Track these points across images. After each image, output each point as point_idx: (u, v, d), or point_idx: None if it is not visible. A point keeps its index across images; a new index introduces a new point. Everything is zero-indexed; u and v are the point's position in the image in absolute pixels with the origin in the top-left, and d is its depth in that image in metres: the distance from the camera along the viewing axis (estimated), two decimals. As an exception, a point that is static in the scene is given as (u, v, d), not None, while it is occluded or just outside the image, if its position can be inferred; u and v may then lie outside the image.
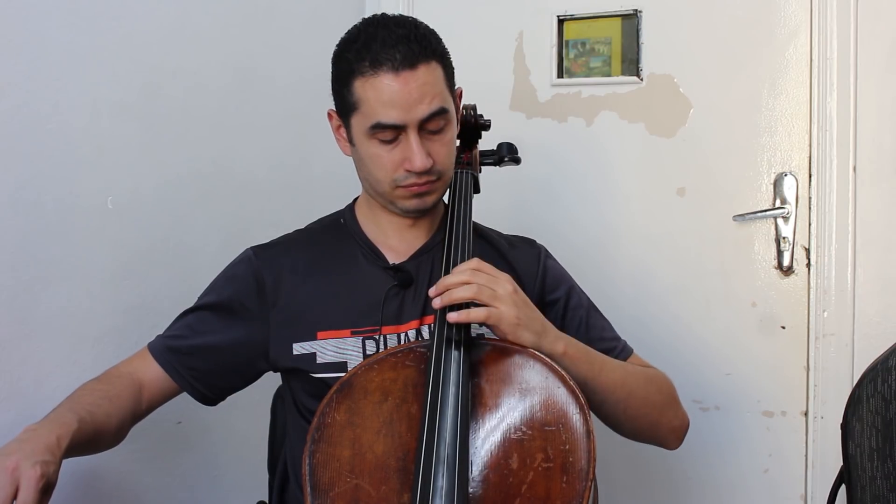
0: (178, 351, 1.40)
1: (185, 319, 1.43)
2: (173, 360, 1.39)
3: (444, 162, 1.34)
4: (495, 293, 1.23)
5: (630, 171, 2.16)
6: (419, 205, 1.36)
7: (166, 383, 1.40)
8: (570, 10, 2.20)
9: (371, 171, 1.35)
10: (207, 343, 1.40)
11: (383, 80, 1.27)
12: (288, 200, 2.06)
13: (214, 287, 1.45)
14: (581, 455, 1.15)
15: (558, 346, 1.26)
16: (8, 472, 1.06)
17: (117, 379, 1.36)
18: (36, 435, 1.14)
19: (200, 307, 1.43)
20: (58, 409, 1.25)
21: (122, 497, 1.68)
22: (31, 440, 1.13)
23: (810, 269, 2.00)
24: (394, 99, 1.27)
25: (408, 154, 1.30)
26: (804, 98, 2.00)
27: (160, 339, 1.43)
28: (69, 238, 1.57)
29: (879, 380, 1.42)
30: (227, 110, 1.92)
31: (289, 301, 1.40)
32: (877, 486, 1.41)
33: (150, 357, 1.40)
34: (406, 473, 1.15)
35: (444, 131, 1.34)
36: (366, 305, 1.37)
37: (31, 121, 1.50)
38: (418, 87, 1.28)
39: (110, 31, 1.64)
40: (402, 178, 1.32)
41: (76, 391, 1.33)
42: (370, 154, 1.33)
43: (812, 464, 2.00)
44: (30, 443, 1.12)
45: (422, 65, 1.28)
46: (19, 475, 1.07)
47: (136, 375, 1.38)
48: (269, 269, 1.41)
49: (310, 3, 2.17)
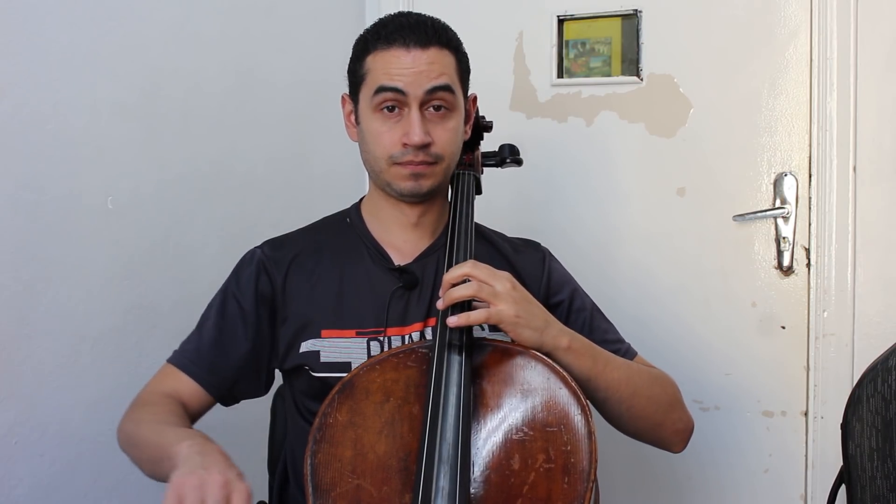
0: (202, 361, 1.37)
1: (205, 328, 1.40)
2: (201, 372, 1.37)
3: (444, 146, 1.34)
4: (494, 290, 1.23)
5: (630, 171, 2.16)
6: (414, 188, 1.36)
7: (204, 397, 1.37)
8: (570, 10, 2.20)
9: (371, 149, 1.36)
10: (230, 346, 1.38)
11: (393, 52, 1.32)
12: (288, 200, 2.06)
13: (227, 291, 1.42)
14: (582, 456, 1.15)
15: (562, 340, 1.26)
16: (219, 486, 1.01)
17: (167, 399, 1.33)
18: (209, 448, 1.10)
19: (216, 312, 1.41)
20: (168, 428, 1.21)
21: (123, 497, 1.68)
22: (211, 453, 1.09)
23: (810, 269, 2.00)
24: (401, 68, 1.31)
25: (407, 129, 1.32)
26: (804, 98, 2.00)
27: (182, 352, 1.40)
28: (69, 238, 1.57)
29: (879, 380, 1.42)
30: (227, 110, 1.92)
31: (297, 298, 1.39)
32: (877, 486, 1.41)
33: (180, 372, 1.37)
34: (408, 474, 1.15)
35: (447, 117, 1.35)
36: (371, 306, 1.37)
37: (31, 121, 1.50)
38: (427, 63, 1.32)
39: (110, 31, 1.64)
40: (400, 155, 1.33)
41: (144, 415, 1.27)
42: (372, 130, 1.34)
43: (812, 464, 2.00)
44: (212, 455, 1.08)
45: (434, 47, 1.33)
46: (231, 489, 1.02)
47: (176, 395, 1.35)
48: (279, 267, 1.41)
49: (310, 3, 2.16)
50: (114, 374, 1.66)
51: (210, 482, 1.01)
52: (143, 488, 1.72)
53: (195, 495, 1.00)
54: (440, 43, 1.34)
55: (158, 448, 1.17)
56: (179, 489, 1.01)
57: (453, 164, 1.40)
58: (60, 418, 1.56)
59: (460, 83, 1.37)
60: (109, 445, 1.67)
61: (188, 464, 1.06)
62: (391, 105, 1.32)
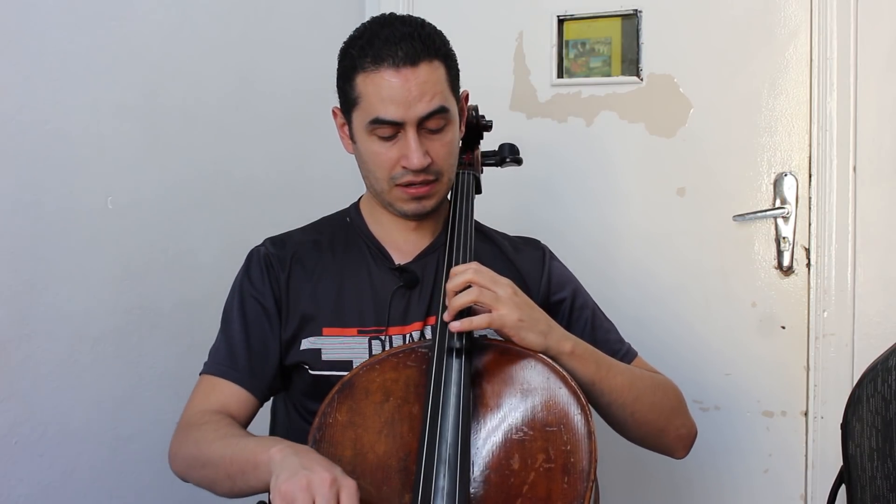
0: (243, 365, 1.36)
1: (231, 332, 1.38)
2: (244, 377, 1.35)
3: (443, 162, 1.34)
4: (496, 296, 1.23)
5: (630, 171, 2.16)
6: (417, 209, 1.36)
7: (251, 402, 1.35)
8: (570, 11, 2.20)
9: (370, 169, 1.35)
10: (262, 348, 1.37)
11: (384, 75, 1.28)
12: (287, 203, 2.06)
13: (242, 291, 1.41)
14: (582, 455, 1.15)
15: (565, 345, 1.26)
16: (327, 484, 1.01)
17: (221, 417, 1.30)
18: (303, 449, 1.10)
19: (238, 315, 1.39)
20: (241, 439, 1.19)
21: (122, 497, 1.68)
22: (308, 453, 1.08)
23: (810, 269, 2.00)
24: (393, 95, 1.28)
25: (405, 151, 1.30)
26: (804, 98, 2.00)
27: (214, 363, 1.37)
28: (69, 239, 1.57)
29: (879, 380, 1.42)
30: (228, 112, 1.92)
31: (300, 295, 1.39)
32: (877, 486, 1.41)
33: (224, 381, 1.35)
34: (407, 474, 1.15)
35: (444, 131, 1.33)
36: (372, 305, 1.38)
37: (31, 121, 1.50)
38: (418, 84, 1.28)
39: (111, 32, 1.64)
40: (400, 176, 1.32)
41: (208, 437, 1.24)
42: (369, 151, 1.33)
43: (812, 464, 2.00)
44: (310, 454, 1.08)
45: (423, 63, 1.29)
46: (339, 486, 1.02)
47: (224, 410, 1.32)
48: (283, 264, 1.40)
49: (310, 4, 2.17)
50: (114, 374, 1.67)
51: (317, 481, 1.01)
52: (143, 488, 1.73)
53: (304, 496, 1.00)
54: (429, 55, 1.29)
55: (240, 461, 1.15)
56: (287, 493, 1.00)
57: (454, 174, 1.39)
58: (60, 418, 1.57)
59: (452, 92, 1.35)
60: (109, 445, 1.68)
61: (287, 467, 1.04)
62: (388, 135, 1.31)
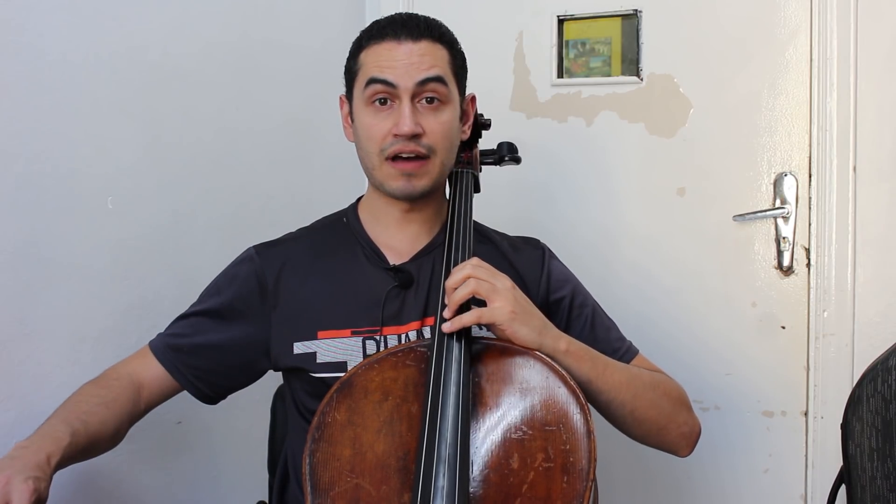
0: (181, 349, 1.40)
1: (188, 319, 1.43)
2: (175, 359, 1.40)
3: (436, 138, 1.34)
4: (494, 287, 1.23)
5: (630, 172, 2.16)
6: (406, 188, 1.35)
7: (167, 382, 1.40)
8: (570, 10, 2.20)
9: (364, 144, 1.36)
10: (210, 342, 1.40)
11: (385, 45, 1.33)
12: (288, 200, 2.06)
13: (216, 287, 1.45)
14: (582, 455, 1.15)
15: (560, 343, 1.26)
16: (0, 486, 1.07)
17: (115, 381, 1.36)
18: (27, 452, 1.14)
19: (203, 307, 1.43)
20: (51, 420, 1.25)
21: (122, 497, 1.68)
22: (22, 458, 1.13)
23: (810, 269, 2.00)
24: (391, 60, 1.32)
25: (397, 119, 1.31)
26: (804, 98, 2.00)
27: (161, 337, 1.43)
28: (69, 238, 1.57)
29: (879, 380, 1.42)
30: (228, 110, 1.92)
31: (290, 300, 1.39)
32: (877, 486, 1.41)
33: (151, 356, 1.40)
34: (406, 473, 1.15)
35: (440, 110, 1.34)
36: (366, 306, 1.37)
37: (31, 121, 1.50)
38: (419, 54, 1.32)
39: (110, 30, 1.64)
40: (390, 146, 1.32)
41: (73, 396, 1.32)
42: (364, 124, 1.35)
43: (812, 464, 2.00)
44: (20, 460, 1.12)
45: (425, 40, 1.33)
46: (10, 489, 1.07)
47: (135, 376, 1.38)
48: (271, 269, 1.41)
49: (310, 4, 2.16)
50: (114, 373, 1.66)
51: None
52: (143, 488, 1.72)
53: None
54: (432, 37, 1.34)
55: None
56: None
57: (448, 162, 1.39)
58: (60, 418, 1.56)
59: (454, 78, 1.37)
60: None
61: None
62: (383, 98, 1.32)
